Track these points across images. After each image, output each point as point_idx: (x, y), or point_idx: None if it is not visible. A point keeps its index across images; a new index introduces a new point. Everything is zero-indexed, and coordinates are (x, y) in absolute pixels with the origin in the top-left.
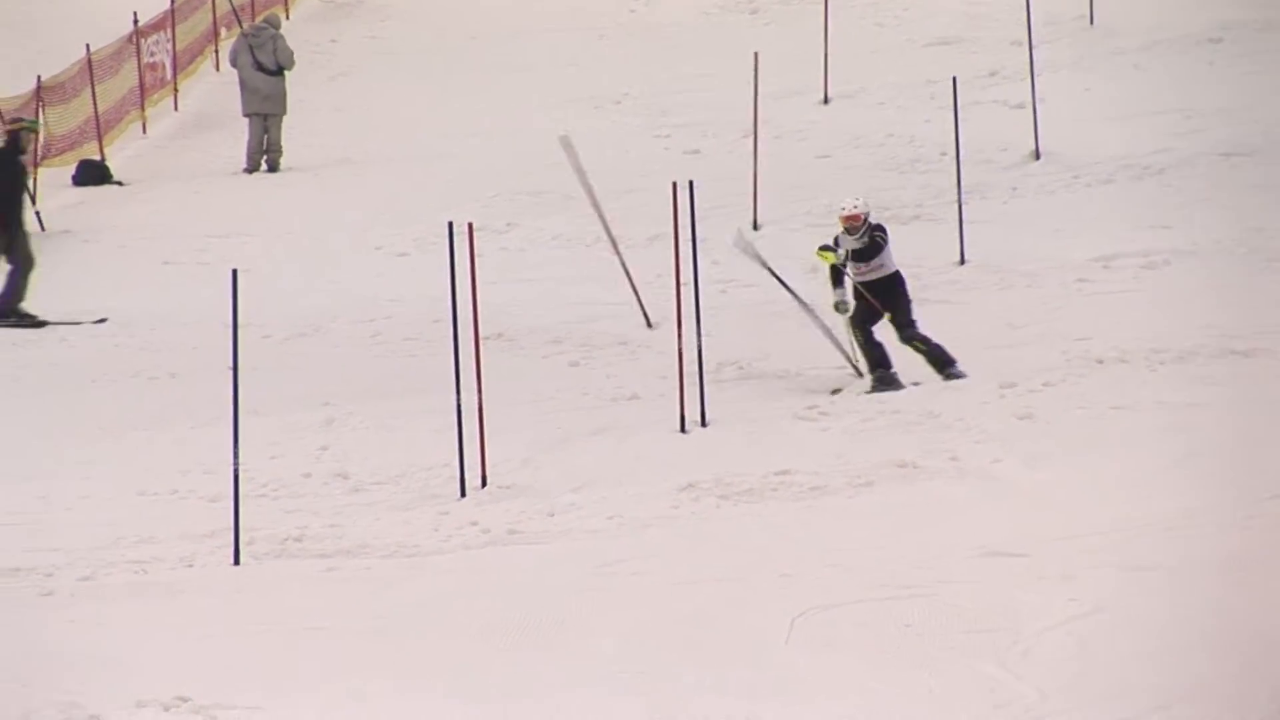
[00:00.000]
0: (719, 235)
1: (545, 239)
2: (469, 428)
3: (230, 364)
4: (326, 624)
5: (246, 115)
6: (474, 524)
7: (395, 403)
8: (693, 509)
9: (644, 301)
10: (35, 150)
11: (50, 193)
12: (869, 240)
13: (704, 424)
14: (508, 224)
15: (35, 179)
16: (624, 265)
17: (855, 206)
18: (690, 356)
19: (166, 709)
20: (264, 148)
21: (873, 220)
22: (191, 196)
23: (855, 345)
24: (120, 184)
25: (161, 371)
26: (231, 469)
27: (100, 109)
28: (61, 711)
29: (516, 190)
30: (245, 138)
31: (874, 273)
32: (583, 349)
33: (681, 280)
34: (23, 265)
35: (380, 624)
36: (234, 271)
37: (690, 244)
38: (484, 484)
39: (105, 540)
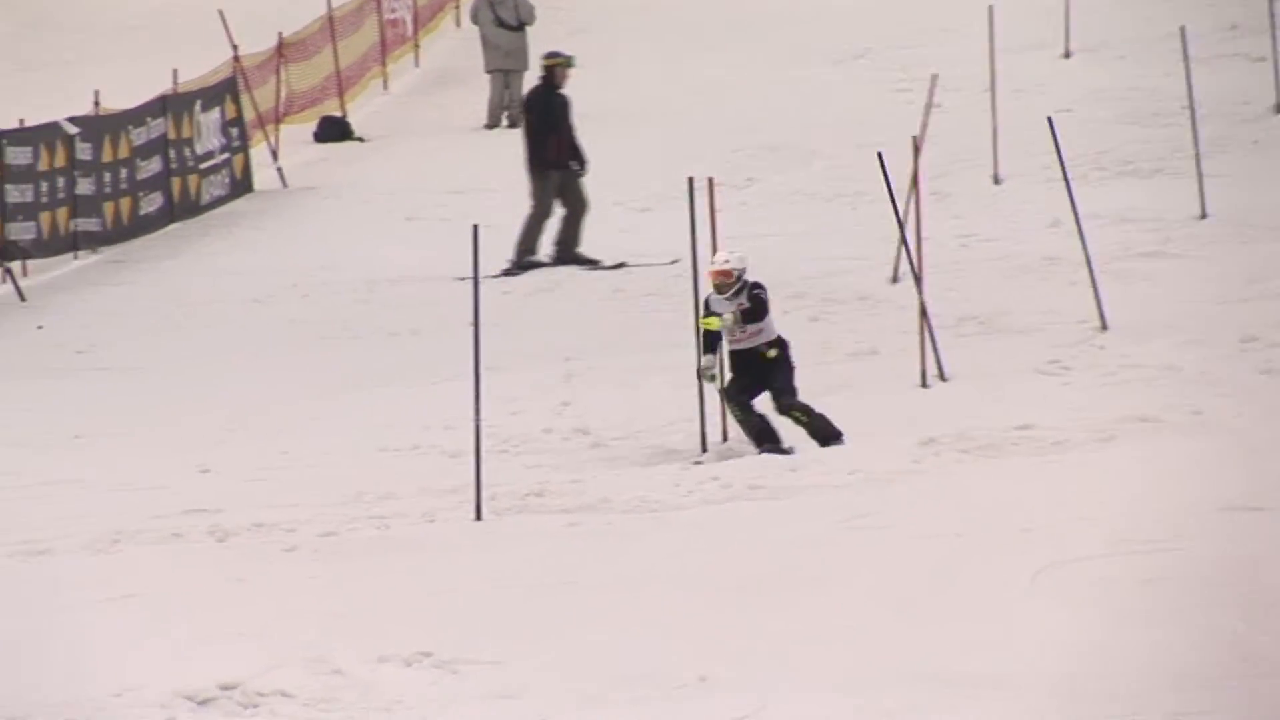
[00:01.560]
0: (960, 189)
1: (785, 194)
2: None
3: (471, 320)
4: (568, 579)
5: (488, 72)
6: (715, 479)
7: (636, 358)
8: (934, 463)
9: (882, 257)
10: (278, 108)
11: (292, 149)
12: (752, 300)
13: (944, 379)
14: (748, 179)
15: (277, 136)
16: None
17: (727, 261)
18: (932, 311)
19: (408, 664)
20: (505, 104)
21: (749, 278)
22: (433, 153)
23: (735, 420)
24: (361, 140)
25: (403, 327)
26: (473, 424)
27: (341, 66)
28: (306, 666)
29: (756, 145)
30: (486, 94)
31: (755, 338)
32: (823, 304)
33: (923, 235)
34: (576, 208)
35: (621, 579)
36: (475, 227)
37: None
38: (725, 439)
39: (347, 496)
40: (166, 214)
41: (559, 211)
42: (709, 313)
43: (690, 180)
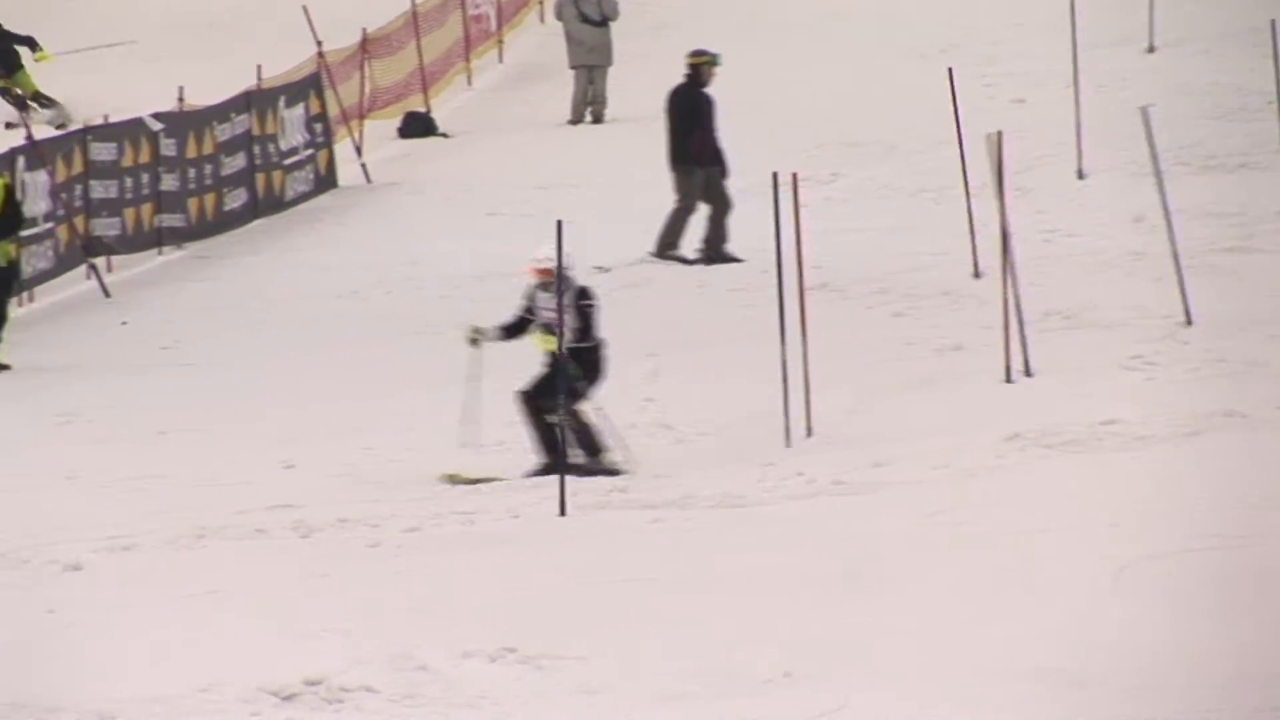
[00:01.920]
0: (1044, 185)
1: (870, 189)
2: (794, 378)
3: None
4: (651, 575)
5: (572, 67)
6: (799, 475)
7: (721, 353)
8: (1018, 459)
9: (965, 252)
10: (362, 103)
11: (376, 145)
12: (581, 312)
13: (1029, 374)
14: (832, 174)
15: (361, 131)
16: None
17: (549, 259)
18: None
19: (493, 659)
20: (589, 99)
21: (577, 280)
22: (516, 149)
23: (528, 423)
24: (445, 136)
25: (487, 323)
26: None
27: (425, 61)
28: (390, 661)
29: (841, 140)
30: (571, 89)
31: (578, 342)
32: (907, 299)
33: (1008, 230)
34: (720, 206)
35: (705, 575)
36: (559, 223)
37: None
38: (809, 435)
39: (431, 492)
40: (250, 210)
41: (703, 209)
42: (536, 321)
43: (775, 175)
